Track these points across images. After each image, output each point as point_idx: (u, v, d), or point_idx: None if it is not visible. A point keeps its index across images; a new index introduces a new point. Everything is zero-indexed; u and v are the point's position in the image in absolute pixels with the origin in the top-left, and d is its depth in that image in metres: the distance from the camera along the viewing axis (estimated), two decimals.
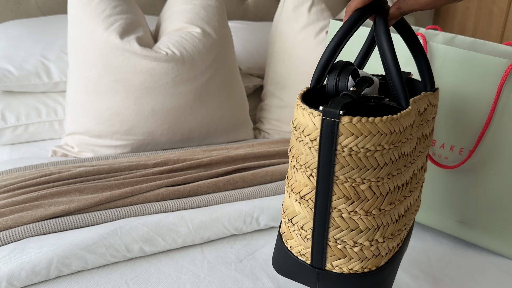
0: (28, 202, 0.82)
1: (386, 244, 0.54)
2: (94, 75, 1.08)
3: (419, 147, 0.57)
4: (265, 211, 0.85)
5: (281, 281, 0.73)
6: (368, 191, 0.50)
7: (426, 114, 0.58)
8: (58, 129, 1.23)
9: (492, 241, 0.83)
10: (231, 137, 1.27)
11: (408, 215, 0.59)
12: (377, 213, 0.51)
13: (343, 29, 0.53)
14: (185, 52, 1.11)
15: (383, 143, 0.48)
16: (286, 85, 1.34)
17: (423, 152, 0.61)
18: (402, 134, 0.49)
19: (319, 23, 1.30)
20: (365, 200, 0.50)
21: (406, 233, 0.61)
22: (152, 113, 1.11)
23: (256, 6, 1.76)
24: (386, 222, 0.53)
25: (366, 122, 0.46)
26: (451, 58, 0.79)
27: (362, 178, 0.49)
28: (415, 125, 0.53)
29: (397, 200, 0.53)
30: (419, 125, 0.56)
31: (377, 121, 0.47)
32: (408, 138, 0.51)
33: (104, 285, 0.70)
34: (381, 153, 0.48)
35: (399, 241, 0.57)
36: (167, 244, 0.78)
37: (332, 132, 0.47)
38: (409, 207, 0.59)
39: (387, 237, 0.54)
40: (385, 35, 0.52)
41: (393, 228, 0.54)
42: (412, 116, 0.51)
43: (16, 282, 0.66)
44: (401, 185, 0.53)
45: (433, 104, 0.61)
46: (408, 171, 0.54)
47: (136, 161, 0.99)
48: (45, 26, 1.34)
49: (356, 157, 0.48)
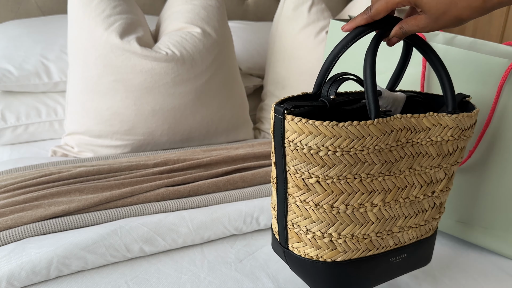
0: (28, 202, 0.82)
1: (343, 241, 0.58)
2: (94, 75, 1.08)
3: (403, 165, 0.59)
4: (265, 211, 0.85)
5: (281, 281, 0.73)
6: (317, 185, 0.56)
7: (418, 134, 0.59)
8: (58, 129, 1.23)
9: (492, 241, 0.83)
10: (231, 137, 1.27)
11: (386, 226, 0.61)
12: (328, 209, 0.57)
13: (342, 43, 0.57)
14: (185, 52, 1.11)
15: (327, 144, 0.53)
16: (286, 85, 1.34)
17: (420, 172, 0.61)
18: (355, 142, 0.54)
19: (319, 23, 1.30)
20: (316, 193, 0.56)
21: (389, 248, 0.63)
22: (152, 113, 1.11)
23: (256, 6, 1.77)
24: (344, 220, 0.58)
25: (306, 123, 0.53)
26: (451, 58, 0.79)
27: (310, 172, 0.55)
28: (386, 140, 0.56)
29: (360, 204, 0.57)
30: (399, 144, 0.58)
31: (318, 123, 0.52)
32: (371, 148, 0.55)
33: (104, 285, 0.70)
34: (327, 154, 0.54)
35: (373, 248, 0.61)
36: (167, 244, 0.78)
37: (280, 127, 0.55)
38: (390, 221, 0.61)
39: (345, 235, 0.58)
40: (371, 54, 0.56)
41: (354, 230, 0.58)
42: (369, 129, 0.54)
43: (16, 282, 0.66)
44: (365, 192, 0.57)
45: (445, 126, 0.61)
46: (378, 182, 0.58)
47: (136, 161, 0.99)
48: (45, 26, 1.34)
49: (301, 152, 0.54)
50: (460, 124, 0.62)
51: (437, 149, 0.62)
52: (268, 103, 1.39)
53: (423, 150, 0.61)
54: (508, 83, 0.74)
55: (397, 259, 0.65)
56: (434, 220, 0.67)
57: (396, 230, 0.62)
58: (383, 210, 0.60)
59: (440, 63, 0.63)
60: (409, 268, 0.68)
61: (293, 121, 0.53)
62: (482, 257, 0.83)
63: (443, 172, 0.64)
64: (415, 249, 0.66)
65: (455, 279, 0.76)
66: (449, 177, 0.65)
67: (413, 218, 0.64)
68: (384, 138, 0.56)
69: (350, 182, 0.56)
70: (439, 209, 0.67)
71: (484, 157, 0.80)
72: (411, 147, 0.59)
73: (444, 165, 0.63)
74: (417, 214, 0.64)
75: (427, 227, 0.66)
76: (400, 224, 0.63)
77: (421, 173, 0.62)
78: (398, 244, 0.64)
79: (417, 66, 0.83)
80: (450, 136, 0.62)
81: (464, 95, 0.68)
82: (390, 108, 0.63)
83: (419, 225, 0.65)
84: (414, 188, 0.62)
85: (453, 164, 0.65)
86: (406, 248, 0.65)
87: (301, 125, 0.53)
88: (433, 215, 0.66)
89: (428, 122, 0.60)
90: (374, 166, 0.56)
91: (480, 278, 0.77)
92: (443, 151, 0.62)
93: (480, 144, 0.79)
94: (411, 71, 0.82)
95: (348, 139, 0.53)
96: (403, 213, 0.62)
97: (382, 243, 0.62)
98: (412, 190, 0.62)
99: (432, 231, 0.68)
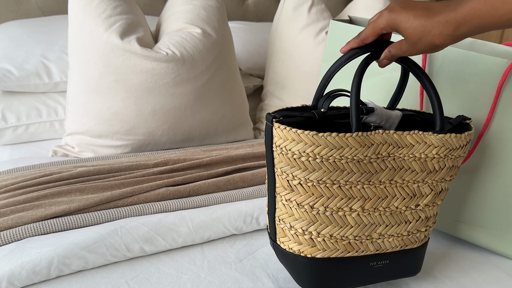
0: (29, 202, 0.82)
1: (322, 239, 0.64)
2: (95, 75, 1.08)
3: (383, 176, 0.63)
4: (265, 211, 0.85)
5: (281, 281, 0.73)
6: (300, 187, 0.61)
7: (400, 149, 0.63)
8: (58, 129, 1.23)
9: (492, 241, 0.83)
10: (231, 137, 1.27)
11: (365, 231, 0.65)
12: (309, 209, 0.62)
13: (338, 63, 0.64)
14: (185, 52, 1.12)
15: (307, 151, 0.59)
16: (286, 85, 1.34)
17: (402, 185, 0.65)
18: (334, 151, 0.59)
19: (319, 24, 1.30)
20: (298, 194, 0.62)
21: (369, 253, 0.66)
22: (153, 113, 1.11)
23: (256, 6, 1.77)
24: (323, 221, 0.63)
25: (290, 131, 0.59)
26: (450, 58, 0.79)
27: (294, 175, 0.61)
28: (365, 152, 0.61)
29: (338, 208, 0.62)
30: (380, 157, 0.62)
31: (300, 132, 0.58)
32: (350, 158, 0.60)
33: (105, 284, 0.70)
34: (308, 159, 0.59)
35: (352, 250, 0.65)
36: (168, 243, 0.78)
37: (270, 133, 0.61)
38: (369, 227, 0.65)
39: (324, 235, 0.64)
40: (359, 74, 0.61)
41: (332, 231, 0.63)
42: (348, 141, 0.59)
43: (16, 281, 0.66)
44: (344, 197, 0.62)
45: (430, 144, 0.64)
46: (357, 190, 0.62)
47: (136, 161, 1.00)
48: (45, 27, 1.35)
49: (286, 157, 0.60)
50: (447, 143, 0.65)
51: (420, 165, 0.65)
52: (268, 103, 1.39)
53: (406, 165, 0.64)
54: (508, 83, 0.75)
55: (378, 264, 0.68)
56: (419, 232, 0.69)
57: (376, 236, 0.66)
58: (362, 216, 0.64)
59: (431, 84, 0.66)
60: (393, 275, 0.71)
61: (279, 128, 0.60)
62: (482, 257, 0.83)
63: (429, 188, 0.67)
64: (398, 258, 0.69)
65: (455, 279, 0.76)
66: (436, 193, 0.68)
67: (394, 227, 0.67)
68: (363, 150, 0.60)
69: (329, 186, 0.61)
70: (425, 222, 0.69)
71: (484, 157, 0.80)
72: (392, 161, 0.63)
73: (429, 181, 0.66)
74: (399, 224, 0.67)
75: (411, 238, 0.69)
76: (380, 231, 0.66)
77: (403, 186, 0.65)
78: (379, 250, 0.67)
79: None
80: (436, 154, 0.64)
81: (465, 117, 0.71)
82: (383, 124, 0.67)
83: (402, 234, 0.68)
84: (396, 199, 0.65)
85: (440, 181, 0.67)
86: (388, 255, 0.68)
87: (286, 133, 0.59)
88: (418, 228, 0.69)
89: (412, 139, 0.63)
90: (353, 175, 0.61)
91: (480, 278, 0.77)
92: (427, 167, 0.65)
93: (480, 144, 0.79)
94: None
95: (327, 148, 0.59)
96: (383, 221, 0.66)
97: (362, 246, 0.66)
98: (393, 201, 0.65)
99: (419, 243, 0.70)
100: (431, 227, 0.71)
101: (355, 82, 0.61)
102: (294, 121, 0.63)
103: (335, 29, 0.93)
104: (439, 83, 0.80)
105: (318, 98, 0.67)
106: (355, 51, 0.64)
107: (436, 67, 0.80)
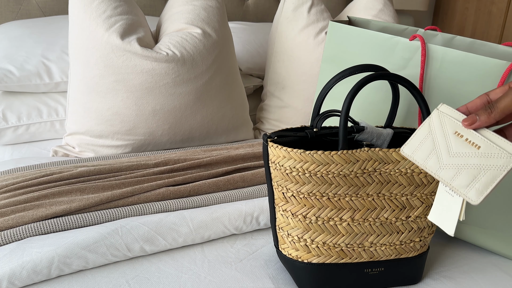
0: (29, 201, 0.82)
1: (316, 246, 0.68)
2: (95, 75, 1.08)
3: (371, 190, 0.67)
4: (265, 211, 0.86)
5: (281, 281, 0.73)
6: (293, 198, 0.67)
7: (386, 165, 0.67)
8: (59, 129, 1.23)
9: (492, 241, 0.83)
10: (231, 137, 1.27)
11: (356, 240, 0.69)
12: (302, 218, 0.67)
13: (328, 85, 0.71)
14: (185, 52, 1.12)
15: (297, 167, 0.65)
16: (286, 85, 1.34)
17: (390, 197, 0.68)
18: (321, 167, 0.64)
19: (319, 24, 1.31)
20: (292, 204, 0.68)
21: (363, 260, 0.69)
22: (153, 113, 1.11)
23: (256, 7, 1.77)
24: (316, 229, 0.68)
25: (281, 149, 0.65)
26: (449, 60, 0.79)
27: (287, 188, 0.67)
28: (351, 168, 0.65)
29: (329, 218, 0.67)
30: (366, 172, 0.66)
31: (289, 150, 0.65)
32: (336, 173, 0.65)
33: (105, 284, 0.70)
34: (298, 174, 0.65)
35: (345, 257, 0.69)
36: (168, 243, 0.78)
37: (266, 151, 0.69)
38: (361, 236, 0.69)
39: (318, 242, 0.68)
40: (350, 98, 0.65)
41: (325, 238, 0.68)
42: (333, 157, 0.64)
43: (17, 281, 0.67)
44: (334, 208, 0.67)
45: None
46: (346, 201, 0.67)
47: (136, 161, 1.00)
48: (46, 27, 1.35)
49: (280, 172, 0.67)
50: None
51: (407, 179, 0.68)
52: (268, 103, 1.39)
53: (393, 179, 0.68)
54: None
55: (373, 271, 0.71)
56: (413, 242, 0.71)
57: (368, 244, 0.69)
58: (352, 225, 0.68)
59: (424, 104, 0.69)
60: (391, 282, 0.73)
61: (273, 147, 0.67)
62: (482, 257, 0.84)
63: (419, 201, 0.69)
64: (394, 266, 0.71)
65: (455, 279, 0.76)
66: (427, 206, 0.70)
67: (386, 237, 0.69)
68: (348, 166, 0.65)
69: (319, 198, 0.66)
70: (419, 233, 0.71)
71: None
72: (379, 175, 0.67)
73: (418, 194, 0.69)
74: (391, 234, 0.70)
75: (405, 247, 0.71)
76: (372, 240, 0.69)
77: (391, 199, 0.68)
78: (373, 257, 0.70)
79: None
80: (422, 169, 0.66)
81: None
82: (375, 142, 0.71)
83: (394, 244, 0.70)
84: (386, 210, 0.69)
85: (430, 194, 0.69)
86: (382, 263, 0.71)
87: (278, 151, 0.66)
88: (411, 238, 0.71)
89: (397, 155, 0.67)
90: (340, 188, 0.66)
91: (480, 278, 0.77)
92: (415, 181, 0.68)
93: None
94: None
95: (314, 164, 0.64)
96: (374, 231, 0.69)
97: (354, 254, 0.69)
98: (382, 212, 0.69)
99: (415, 252, 0.72)
100: (427, 238, 0.73)
101: (346, 104, 0.65)
102: (289, 140, 0.69)
103: (334, 30, 0.94)
104: (438, 85, 0.80)
105: (314, 118, 0.73)
106: (342, 74, 0.70)
107: (435, 69, 0.80)
